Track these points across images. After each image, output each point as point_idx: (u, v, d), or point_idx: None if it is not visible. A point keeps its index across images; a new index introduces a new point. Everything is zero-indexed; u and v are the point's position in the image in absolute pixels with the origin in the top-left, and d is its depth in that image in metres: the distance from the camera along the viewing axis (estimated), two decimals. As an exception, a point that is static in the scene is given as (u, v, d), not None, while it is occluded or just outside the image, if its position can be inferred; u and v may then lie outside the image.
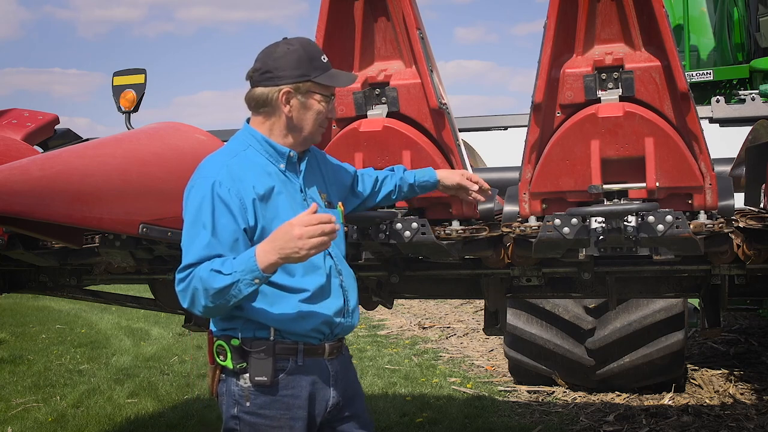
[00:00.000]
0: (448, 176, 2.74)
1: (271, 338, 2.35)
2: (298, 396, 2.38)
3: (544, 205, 2.72)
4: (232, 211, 2.26)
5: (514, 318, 6.26)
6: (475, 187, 2.72)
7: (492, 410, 6.06)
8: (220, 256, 2.23)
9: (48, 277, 3.99)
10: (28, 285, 4.14)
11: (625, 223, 2.51)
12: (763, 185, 2.71)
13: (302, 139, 2.43)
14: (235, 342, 2.36)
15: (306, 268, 2.36)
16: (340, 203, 2.56)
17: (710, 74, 6.99)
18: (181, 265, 2.26)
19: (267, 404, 2.36)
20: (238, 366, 2.35)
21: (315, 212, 2.17)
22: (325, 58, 2.42)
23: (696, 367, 7.10)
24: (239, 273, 2.16)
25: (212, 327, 2.44)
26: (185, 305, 2.28)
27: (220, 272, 2.17)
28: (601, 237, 2.56)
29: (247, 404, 2.36)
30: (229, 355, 2.36)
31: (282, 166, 2.41)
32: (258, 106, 2.39)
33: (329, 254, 2.43)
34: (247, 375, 2.35)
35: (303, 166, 2.47)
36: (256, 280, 2.16)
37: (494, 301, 3.73)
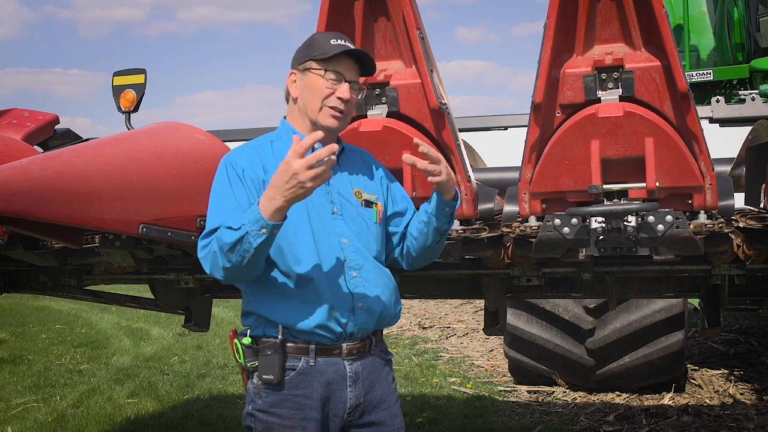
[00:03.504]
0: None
1: (280, 336, 2.36)
2: (309, 396, 2.38)
3: (544, 205, 2.71)
4: (245, 185, 2.33)
5: (514, 318, 6.26)
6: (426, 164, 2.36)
7: (492, 410, 6.06)
8: None
9: (48, 277, 3.99)
10: (28, 285, 4.14)
11: (625, 223, 2.51)
12: (763, 185, 2.71)
13: (312, 123, 2.42)
14: (247, 341, 2.40)
15: (312, 258, 2.36)
16: (378, 203, 2.52)
17: (710, 74, 6.99)
18: (204, 233, 2.31)
19: (278, 403, 2.38)
20: (249, 364, 2.40)
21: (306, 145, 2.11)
22: (336, 41, 2.39)
23: (696, 367, 7.11)
24: (247, 225, 2.17)
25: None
26: (207, 270, 2.30)
27: (230, 228, 2.21)
28: (601, 237, 2.55)
29: (260, 402, 2.40)
30: (241, 353, 2.41)
31: None
32: (285, 96, 2.51)
33: (342, 248, 2.41)
34: (258, 373, 2.39)
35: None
36: (263, 230, 2.16)
37: (494, 301, 3.73)
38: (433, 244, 2.52)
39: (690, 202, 2.64)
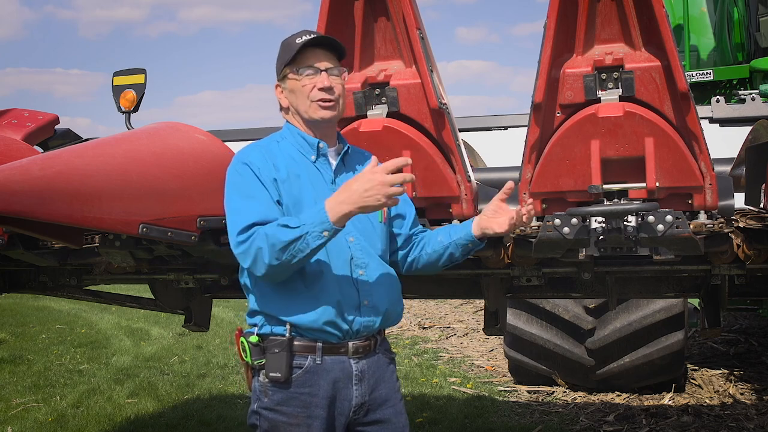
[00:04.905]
0: (486, 218, 2.51)
1: (287, 334, 2.38)
2: (315, 395, 2.40)
3: (544, 205, 2.72)
4: (264, 185, 2.36)
5: (514, 318, 6.26)
6: (523, 211, 2.45)
7: (492, 410, 6.06)
8: (275, 220, 2.29)
9: (48, 277, 3.99)
10: (28, 285, 4.13)
11: (625, 223, 2.51)
12: (763, 185, 2.71)
13: (306, 122, 2.48)
14: (254, 339, 2.43)
15: (321, 256, 2.37)
16: None
17: (710, 74, 6.99)
18: (241, 227, 2.30)
19: (284, 401, 2.39)
20: (256, 362, 2.42)
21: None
22: (300, 38, 2.43)
23: (696, 367, 7.11)
24: (308, 225, 2.19)
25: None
26: (246, 265, 2.31)
27: (287, 226, 2.22)
28: (601, 237, 2.56)
29: (266, 400, 2.41)
30: (248, 352, 2.43)
31: (313, 157, 2.48)
32: (280, 109, 2.57)
33: (349, 246, 2.44)
34: (265, 371, 2.41)
35: (337, 160, 2.51)
36: (325, 233, 2.19)
37: (494, 301, 3.73)
38: (441, 266, 2.62)
39: (690, 202, 2.64)
